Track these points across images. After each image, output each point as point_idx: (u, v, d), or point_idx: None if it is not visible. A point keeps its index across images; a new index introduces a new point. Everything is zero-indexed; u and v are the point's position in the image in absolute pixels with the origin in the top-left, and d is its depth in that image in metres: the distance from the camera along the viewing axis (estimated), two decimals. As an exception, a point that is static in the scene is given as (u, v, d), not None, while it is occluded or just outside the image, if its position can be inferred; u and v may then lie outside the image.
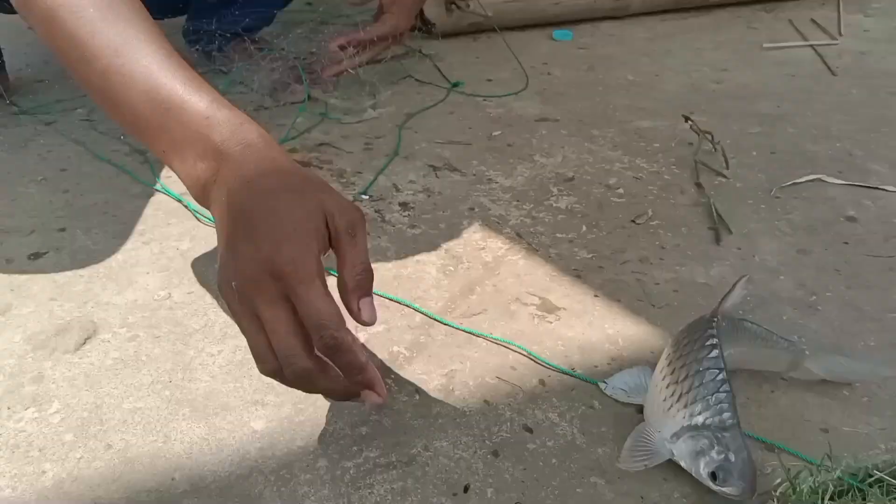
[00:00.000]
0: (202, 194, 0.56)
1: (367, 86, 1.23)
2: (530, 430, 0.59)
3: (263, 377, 0.51)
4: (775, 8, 1.71)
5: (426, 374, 0.65)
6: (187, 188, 0.57)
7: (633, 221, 0.89)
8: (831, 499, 0.50)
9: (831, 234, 0.87)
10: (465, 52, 1.43)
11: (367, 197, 0.93)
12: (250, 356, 0.51)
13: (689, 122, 1.08)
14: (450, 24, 1.45)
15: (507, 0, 1.47)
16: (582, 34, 1.54)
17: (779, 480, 0.54)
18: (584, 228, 0.88)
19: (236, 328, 0.52)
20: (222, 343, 0.68)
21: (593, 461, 0.56)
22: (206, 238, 0.84)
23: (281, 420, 0.60)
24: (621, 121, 1.17)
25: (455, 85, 1.26)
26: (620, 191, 0.96)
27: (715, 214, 0.90)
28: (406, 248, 0.83)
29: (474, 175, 1.00)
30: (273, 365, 0.50)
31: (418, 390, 0.63)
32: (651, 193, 0.96)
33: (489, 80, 1.31)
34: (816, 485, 0.51)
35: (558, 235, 0.86)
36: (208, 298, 0.74)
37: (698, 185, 0.98)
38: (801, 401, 0.63)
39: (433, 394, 0.63)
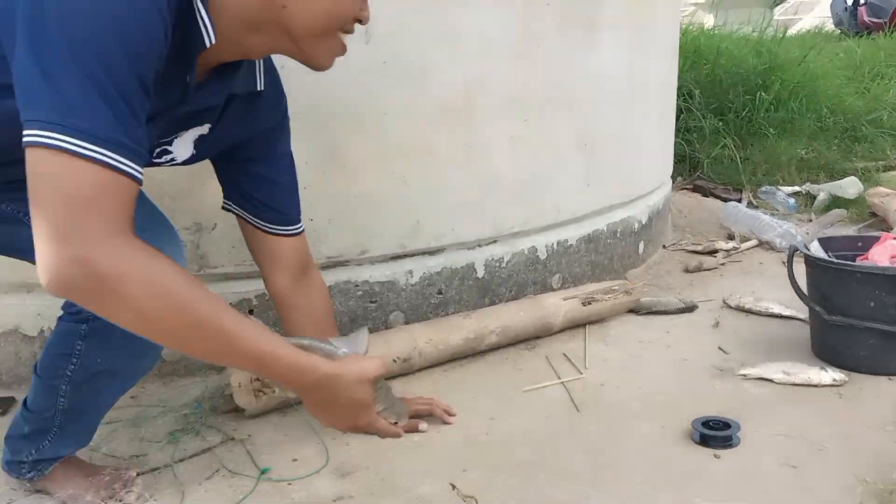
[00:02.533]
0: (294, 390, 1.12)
1: (182, 485, 1.39)
2: None
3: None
4: (535, 346, 2.09)
5: None
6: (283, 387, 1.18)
7: None
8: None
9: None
10: (275, 430, 1.64)
11: None
12: None
13: (455, 489, 1.32)
14: (260, 406, 1.66)
15: (308, 378, 1.72)
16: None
17: None
18: None
19: None
20: None
21: None
22: None
23: None
24: (405, 487, 1.39)
25: (263, 471, 1.45)
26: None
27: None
28: None
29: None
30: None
31: None
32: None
33: (294, 460, 1.51)
34: None
35: None
36: None
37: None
38: None
39: None
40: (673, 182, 3.64)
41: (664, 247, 2.97)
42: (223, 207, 1.46)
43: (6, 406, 1.74)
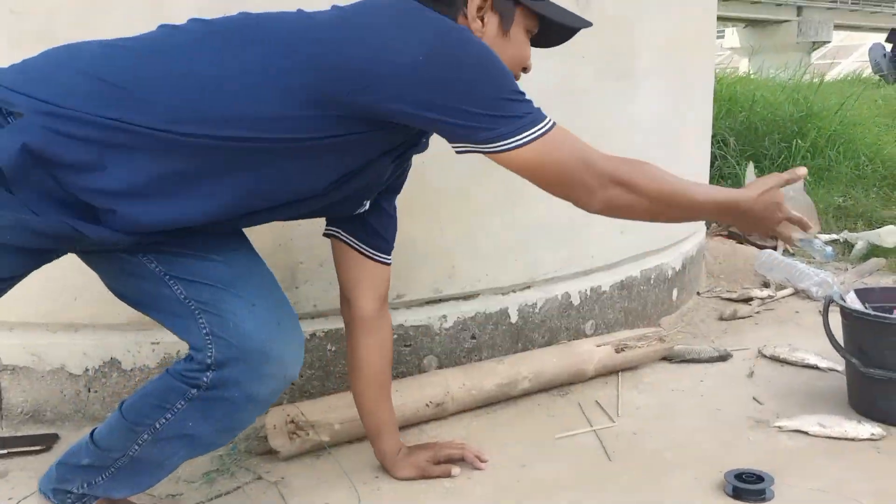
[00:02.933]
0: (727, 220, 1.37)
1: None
2: None
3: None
4: (568, 392, 2.10)
5: None
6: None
7: None
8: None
9: None
10: (308, 473, 1.66)
11: None
12: None
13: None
14: (294, 448, 1.69)
15: (343, 422, 1.75)
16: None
17: None
18: None
19: None
20: None
21: None
22: None
23: None
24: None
25: (297, 516, 1.47)
26: None
27: None
28: None
29: None
30: None
31: None
32: None
33: None
34: None
35: None
36: None
37: None
38: None
39: None
40: (708, 229, 3.63)
41: (698, 294, 2.96)
42: (325, 234, 1.57)
43: (50, 442, 1.80)
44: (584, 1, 2.20)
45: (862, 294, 2.00)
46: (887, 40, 9.09)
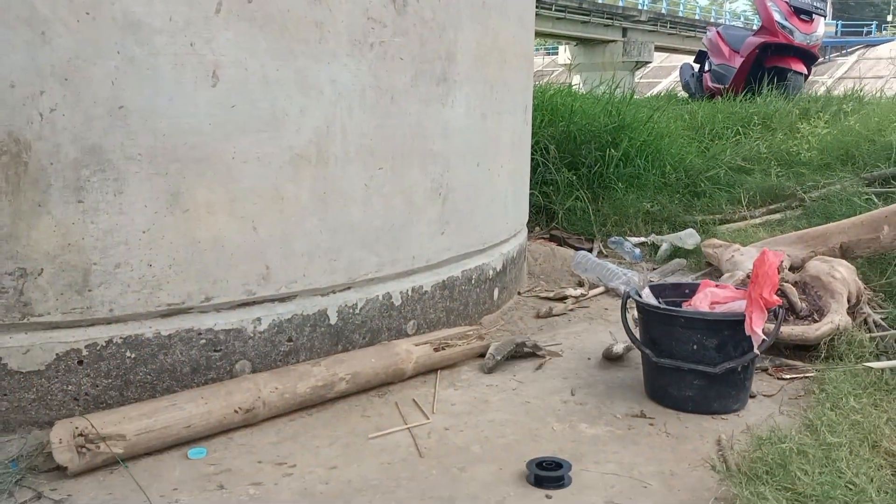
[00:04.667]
0: None
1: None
2: None
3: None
4: (386, 392, 2.10)
5: None
6: None
7: None
8: None
9: None
10: (99, 488, 1.54)
11: None
12: None
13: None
14: (83, 463, 1.56)
15: (139, 433, 1.64)
16: (216, 448, 1.74)
17: None
18: None
19: None
20: None
21: None
22: None
23: None
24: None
25: (80, 533, 1.36)
26: None
27: None
28: None
29: None
30: None
31: None
32: None
33: (117, 520, 1.43)
34: None
35: None
36: None
37: None
38: None
39: None
40: (530, 232, 3.79)
41: (519, 293, 3.07)
42: None
43: None
44: (400, 3, 2.22)
45: (656, 290, 2.15)
46: (695, 61, 9.95)
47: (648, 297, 2.07)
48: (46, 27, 1.67)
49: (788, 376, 2.18)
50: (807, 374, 2.18)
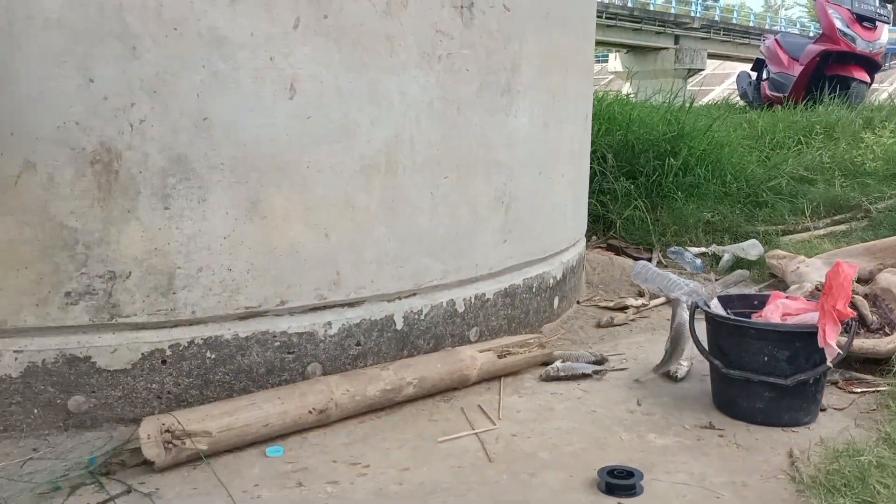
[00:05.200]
0: None
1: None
2: None
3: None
4: (452, 397, 2.13)
5: None
6: None
7: None
8: None
9: None
10: (184, 483, 1.61)
11: None
12: None
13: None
14: (169, 459, 1.63)
15: (222, 430, 1.70)
16: (292, 446, 1.80)
17: None
18: None
19: None
20: None
21: None
22: None
23: None
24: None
25: (170, 525, 1.42)
26: None
27: None
28: None
29: None
30: None
31: None
32: None
33: (203, 513, 1.49)
34: None
35: None
36: None
37: None
38: None
39: None
40: (588, 241, 3.79)
41: (578, 302, 3.08)
42: None
43: None
44: (467, 16, 2.27)
45: (725, 301, 2.14)
46: (752, 69, 9.79)
47: (717, 307, 2.07)
48: (137, 42, 1.76)
49: (859, 390, 2.15)
50: (878, 388, 2.14)
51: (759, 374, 1.90)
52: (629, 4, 24.01)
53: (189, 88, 1.82)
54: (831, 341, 1.82)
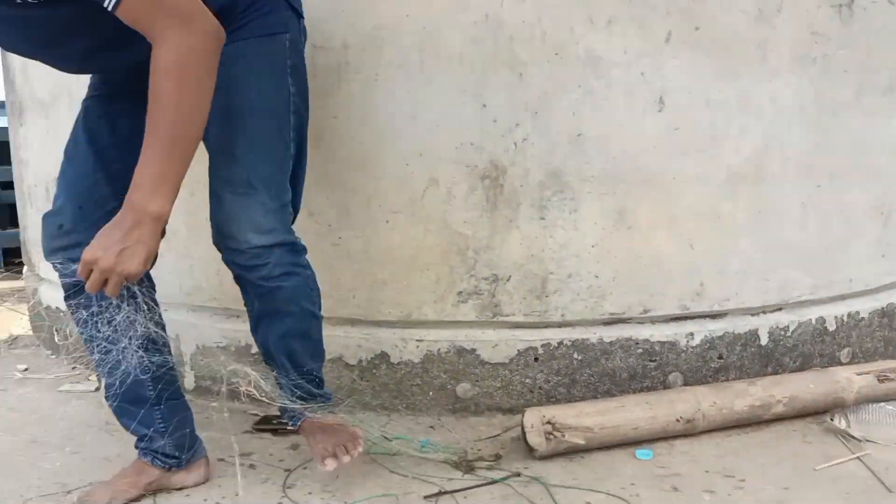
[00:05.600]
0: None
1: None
2: None
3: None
4: (822, 420, 1.99)
5: None
6: None
7: None
8: None
9: None
10: (563, 473, 1.73)
11: None
12: None
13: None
14: (549, 449, 1.77)
15: (596, 427, 1.80)
16: (660, 452, 1.83)
17: None
18: None
19: None
20: None
21: None
22: None
23: None
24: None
25: (559, 508, 1.54)
26: None
27: None
28: None
29: None
30: None
31: None
32: None
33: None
34: None
35: None
36: None
37: None
38: None
39: None
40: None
41: (970, 328, 2.67)
42: None
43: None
44: (846, 14, 2.12)
45: None
46: None
47: None
48: (523, 69, 1.95)
49: None
50: None
51: None
52: None
53: (565, 107, 1.96)
54: None
